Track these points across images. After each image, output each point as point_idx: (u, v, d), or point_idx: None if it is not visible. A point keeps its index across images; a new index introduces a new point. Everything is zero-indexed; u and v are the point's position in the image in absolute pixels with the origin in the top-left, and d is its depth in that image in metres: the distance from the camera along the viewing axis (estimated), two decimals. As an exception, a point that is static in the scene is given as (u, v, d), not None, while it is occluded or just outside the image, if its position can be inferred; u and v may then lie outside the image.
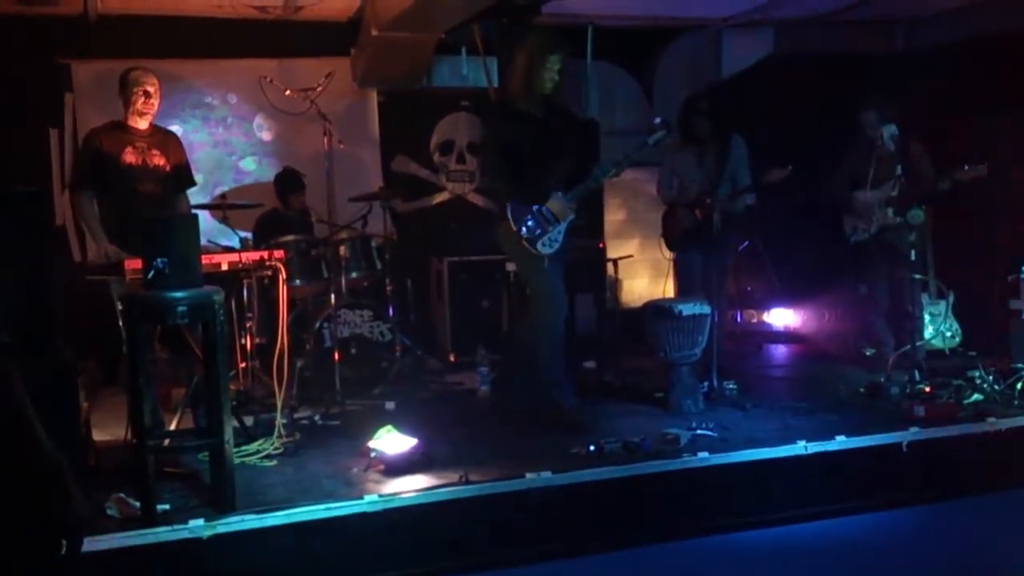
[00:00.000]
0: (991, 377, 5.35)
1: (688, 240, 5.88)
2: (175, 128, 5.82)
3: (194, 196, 5.41)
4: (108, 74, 6.47)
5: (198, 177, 6.68)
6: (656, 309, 5.31)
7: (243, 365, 5.67)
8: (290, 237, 5.76)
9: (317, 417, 5.25)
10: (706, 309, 5.24)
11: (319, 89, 6.43)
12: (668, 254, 6.20)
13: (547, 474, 4.04)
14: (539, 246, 4.90)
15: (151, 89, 4.86)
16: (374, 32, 6.37)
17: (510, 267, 5.99)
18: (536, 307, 4.99)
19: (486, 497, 3.93)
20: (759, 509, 4.26)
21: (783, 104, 7.35)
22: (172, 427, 4.67)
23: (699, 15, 7.62)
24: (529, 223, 4.89)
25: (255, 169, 7.17)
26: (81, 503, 1.97)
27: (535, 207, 4.90)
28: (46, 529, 1.84)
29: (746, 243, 7.19)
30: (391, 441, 4.29)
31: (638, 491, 4.15)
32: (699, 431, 4.70)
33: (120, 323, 3.93)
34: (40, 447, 1.86)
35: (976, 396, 5.19)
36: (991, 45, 7.01)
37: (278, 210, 6.56)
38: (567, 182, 4.95)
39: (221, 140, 7.15)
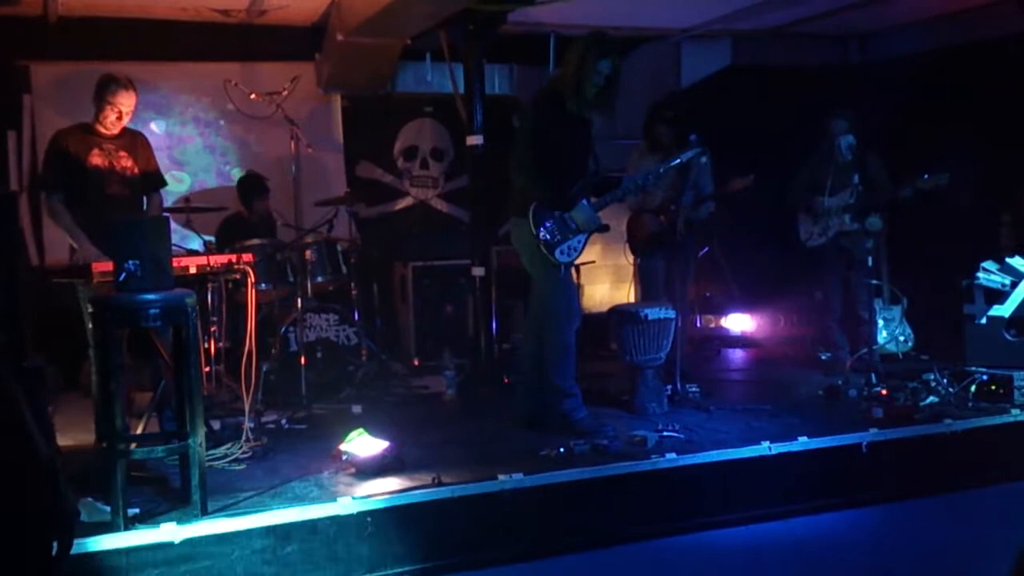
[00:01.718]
0: (945, 380, 5.51)
1: (652, 246, 5.96)
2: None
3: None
4: (68, 76, 6.44)
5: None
6: (622, 313, 5.38)
7: (207, 369, 5.63)
8: (255, 241, 5.74)
9: (283, 421, 5.23)
10: (671, 313, 5.33)
11: (285, 93, 6.42)
12: (631, 259, 6.29)
13: (519, 475, 4.08)
14: (557, 253, 4.76)
15: (124, 110, 4.78)
16: (340, 37, 6.38)
17: (476, 272, 6.01)
18: (548, 315, 4.89)
19: (459, 499, 3.96)
20: (726, 509, 4.35)
21: (740, 113, 7.50)
22: (137, 432, 4.62)
23: (659, 26, 7.74)
24: (549, 228, 4.75)
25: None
26: (72, 503, 1.95)
27: (558, 213, 4.76)
28: (39, 528, 1.82)
29: (705, 249, 7.32)
30: (363, 444, 4.29)
31: (608, 492, 4.21)
32: (665, 433, 4.78)
33: (89, 326, 3.88)
34: (35, 445, 1.84)
35: (931, 398, 5.34)
36: (941, 58, 7.23)
37: (241, 214, 6.53)
38: (595, 192, 4.86)
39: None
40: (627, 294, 7.47)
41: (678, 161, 5.09)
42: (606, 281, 8.12)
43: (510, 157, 4.86)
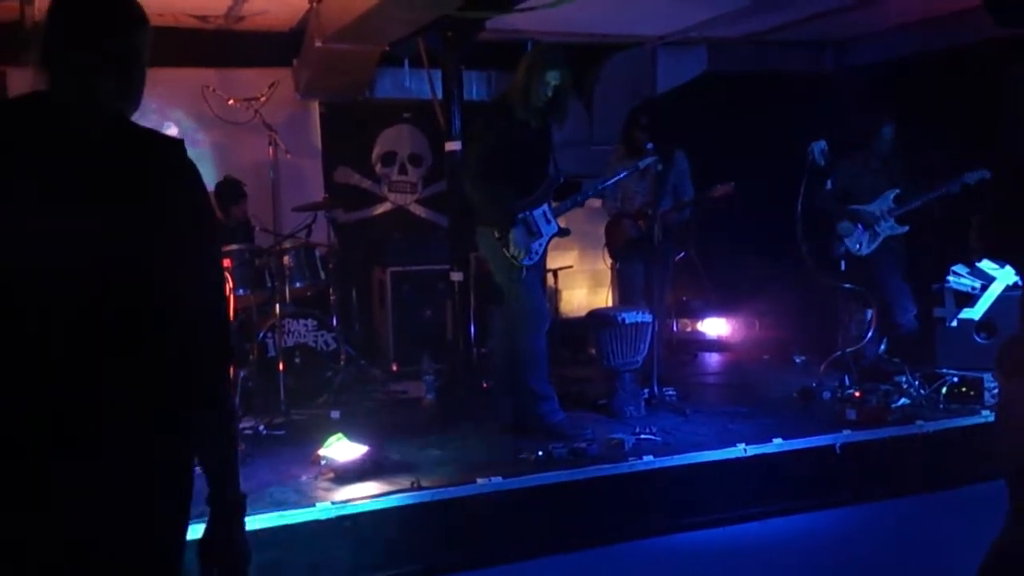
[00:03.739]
0: (917, 382, 5.59)
1: (631, 250, 6.01)
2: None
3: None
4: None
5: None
6: (600, 317, 5.43)
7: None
8: (233, 246, 5.74)
9: (261, 427, 5.23)
10: (648, 317, 5.38)
11: (263, 99, 6.42)
12: (610, 263, 6.34)
13: (497, 479, 4.12)
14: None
15: None
16: (318, 43, 6.38)
17: (455, 277, 6.03)
18: (517, 318, 4.94)
19: (438, 502, 3.99)
20: (703, 510, 4.40)
21: (717, 119, 7.56)
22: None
23: (635, 33, 7.80)
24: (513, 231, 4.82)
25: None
26: None
27: (519, 216, 4.84)
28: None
29: (682, 254, 7.37)
30: (341, 449, 4.31)
31: (586, 495, 4.25)
32: (643, 435, 4.82)
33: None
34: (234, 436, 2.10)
35: (903, 400, 5.42)
36: (917, 64, 7.32)
37: (219, 219, 6.51)
38: (556, 196, 4.93)
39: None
40: (605, 299, 7.52)
41: (635, 168, 5.21)
42: (584, 286, 8.17)
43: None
